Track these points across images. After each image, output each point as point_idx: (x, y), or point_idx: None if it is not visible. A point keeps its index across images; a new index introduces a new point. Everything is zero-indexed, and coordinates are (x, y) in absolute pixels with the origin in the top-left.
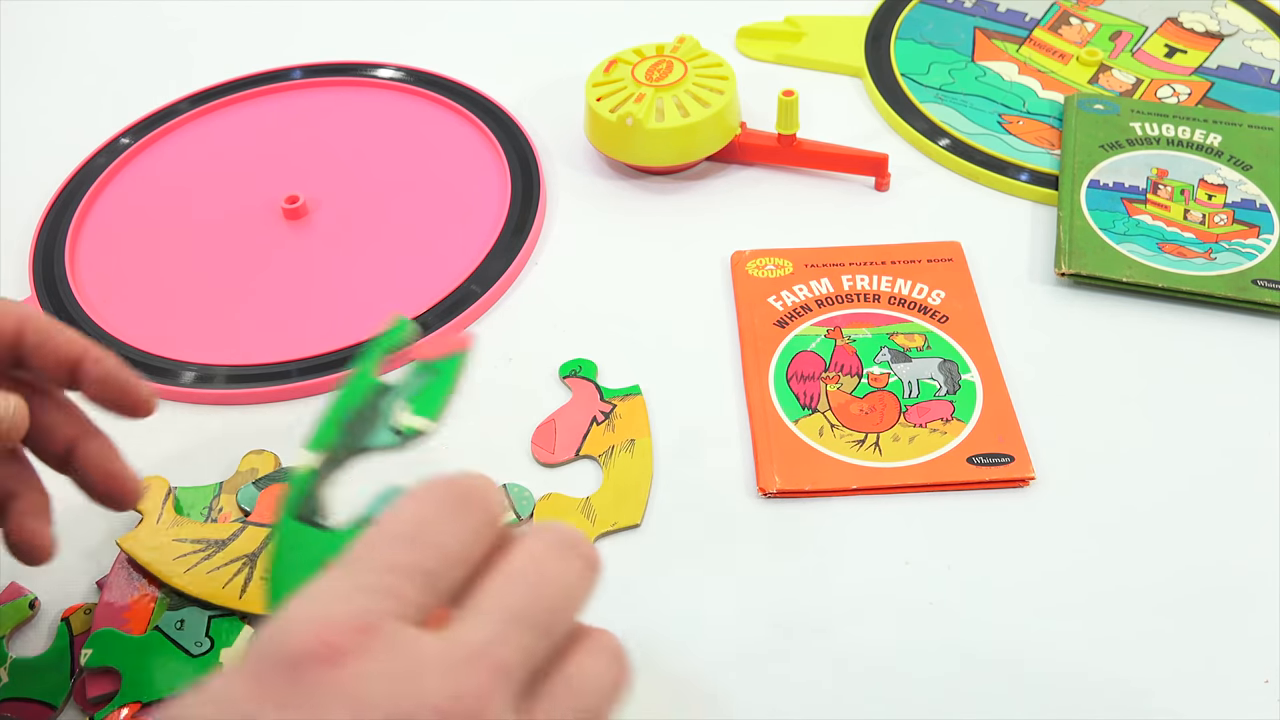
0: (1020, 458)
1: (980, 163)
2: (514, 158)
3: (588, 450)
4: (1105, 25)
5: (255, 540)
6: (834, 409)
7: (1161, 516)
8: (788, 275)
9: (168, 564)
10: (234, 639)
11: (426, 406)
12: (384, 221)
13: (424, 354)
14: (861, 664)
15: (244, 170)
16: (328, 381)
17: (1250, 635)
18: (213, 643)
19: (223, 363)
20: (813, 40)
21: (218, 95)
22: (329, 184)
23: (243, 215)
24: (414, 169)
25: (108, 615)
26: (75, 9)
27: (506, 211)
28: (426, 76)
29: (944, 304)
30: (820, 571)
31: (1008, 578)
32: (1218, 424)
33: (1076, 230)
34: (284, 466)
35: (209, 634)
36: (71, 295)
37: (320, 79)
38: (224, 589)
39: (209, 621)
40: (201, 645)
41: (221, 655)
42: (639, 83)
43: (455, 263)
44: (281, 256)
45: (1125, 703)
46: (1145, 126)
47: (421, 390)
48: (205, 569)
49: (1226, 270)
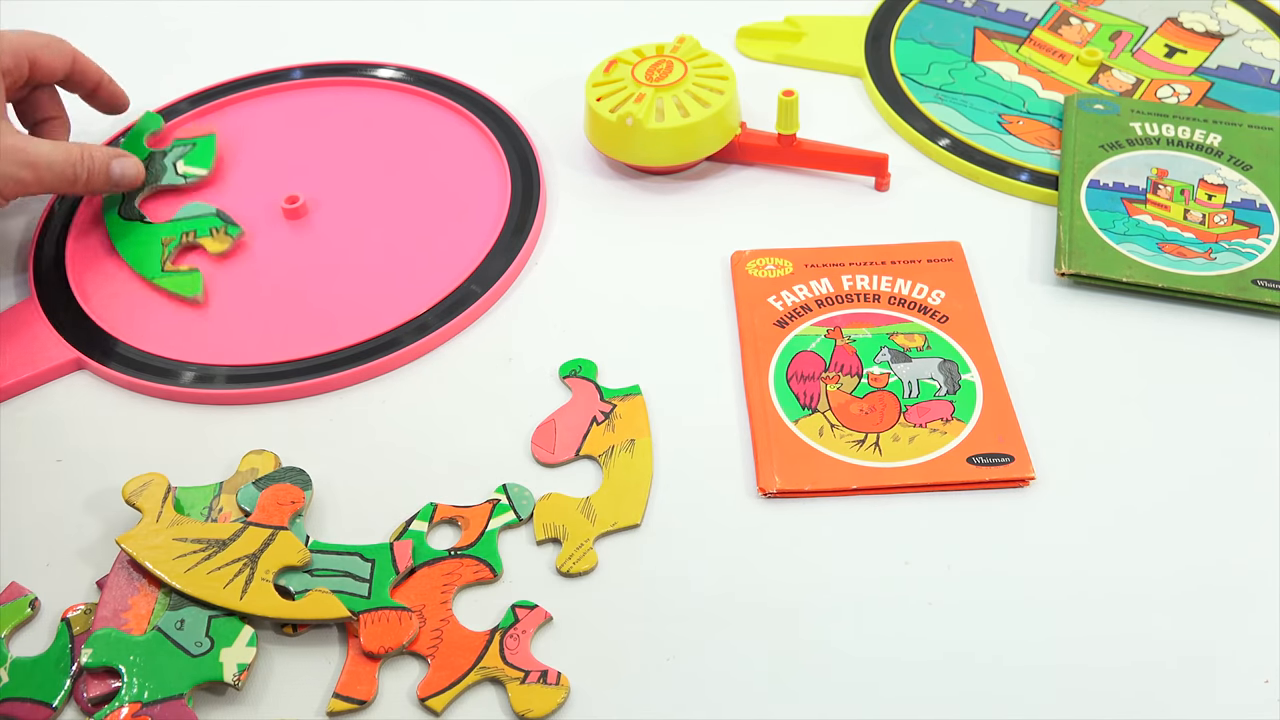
0: (1020, 458)
1: (980, 163)
2: (514, 158)
3: (588, 450)
4: (1105, 25)
5: (257, 541)
6: (834, 409)
7: (1161, 516)
8: (788, 275)
9: (167, 563)
10: (234, 639)
11: (199, 161)
12: (384, 221)
13: (181, 134)
14: (861, 664)
15: (244, 170)
16: (328, 381)
17: (1250, 635)
18: (213, 643)
19: (223, 363)
20: (813, 40)
21: (217, 95)
22: (329, 184)
23: (243, 215)
24: (414, 169)
25: (108, 615)
26: (73, 9)
27: (506, 211)
28: (426, 76)
29: (944, 304)
30: (820, 571)
31: (1008, 578)
32: (1218, 424)
33: (1076, 230)
34: (285, 467)
35: (209, 634)
36: (71, 295)
37: (320, 79)
38: (225, 589)
39: (209, 621)
40: (202, 645)
41: (221, 655)
42: (639, 83)
43: (455, 263)
44: (282, 256)
45: (1125, 702)
46: (1145, 126)
47: (190, 153)
48: (206, 569)
49: (1226, 270)
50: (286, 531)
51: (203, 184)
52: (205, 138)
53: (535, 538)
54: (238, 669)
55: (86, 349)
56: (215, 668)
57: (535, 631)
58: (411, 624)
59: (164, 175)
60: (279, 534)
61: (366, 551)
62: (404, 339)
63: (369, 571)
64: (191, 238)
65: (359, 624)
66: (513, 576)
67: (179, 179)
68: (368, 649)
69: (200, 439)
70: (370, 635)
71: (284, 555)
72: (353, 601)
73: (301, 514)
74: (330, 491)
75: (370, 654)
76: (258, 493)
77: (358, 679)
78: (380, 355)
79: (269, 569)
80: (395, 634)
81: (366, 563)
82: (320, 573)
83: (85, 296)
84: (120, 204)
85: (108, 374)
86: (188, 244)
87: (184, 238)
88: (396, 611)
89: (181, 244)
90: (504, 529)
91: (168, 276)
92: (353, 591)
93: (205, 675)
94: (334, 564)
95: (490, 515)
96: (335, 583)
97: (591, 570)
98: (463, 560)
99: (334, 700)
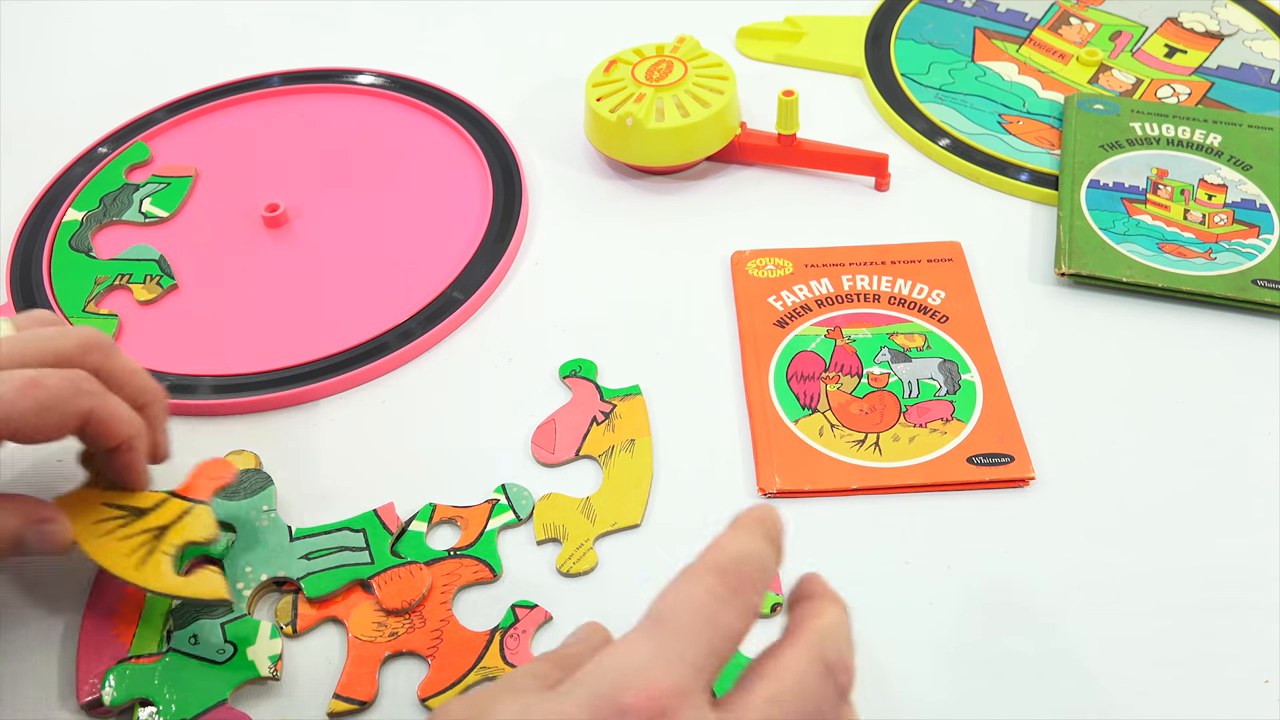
0: (1020, 458)
1: (980, 163)
2: (495, 162)
3: (588, 450)
4: (1105, 25)
5: (172, 513)
6: (834, 409)
7: (1161, 516)
8: (788, 275)
9: (85, 525)
10: (255, 636)
11: (166, 203)
12: (366, 228)
13: (164, 171)
14: (861, 664)
15: (223, 179)
16: (311, 390)
17: (1250, 635)
18: (235, 646)
19: (204, 373)
20: (813, 40)
21: (194, 104)
22: (309, 192)
23: (222, 224)
24: (394, 175)
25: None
26: (53, 18)
27: (489, 218)
28: (404, 81)
29: (944, 304)
30: (820, 571)
31: (1008, 578)
32: (1218, 424)
33: (1076, 230)
34: (251, 469)
35: (228, 639)
36: (50, 305)
37: (299, 85)
38: (125, 559)
39: (222, 628)
40: (225, 651)
41: (249, 654)
42: (639, 83)
43: (438, 269)
44: (262, 265)
45: (1125, 702)
46: (1145, 126)
47: (160, 192)
48: (116, 536)
49: (1226, 270)
50: (204, 507)
51: (166, 219)
52: (182, 178)
53: (535, 538)
54: (271, 661)
55: None
56: (249, 666)
57: (535, 631)
58: (424, 574)
59: (126, 211)
60: (195, 509)
61: (354, 524)
62: (392, 344)
63: (363, 540)
64: (124, 280)
65: (374, 588)
66: (512, 576)
67: (139, 217)
68: (390, 606)
69: (181, 449)
70: (388, 594)
71: (191, 531)
72: (360, 570)
73: (229, 490)
74: (331, 491)
75: (394, 610)
76: (223, 503)
77: (358, 679)
78: (372, 360)
79: (173, 543)
80: (412, 586)
81: (357, 533)
82: (316, 554)
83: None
84: (74, 233)
85: None
86: (118, 285)
87: (117, 279)
88: (405, 566)
89: (113, 284)
90: (503, 529)
91: (84, 317)
92: (355, 562)
93: (242, 676)
94: (327, 543)
95: (489, 515)
96: (335, 559)
97: (591, 570)
98: (462, 560)
99: (334, 700)
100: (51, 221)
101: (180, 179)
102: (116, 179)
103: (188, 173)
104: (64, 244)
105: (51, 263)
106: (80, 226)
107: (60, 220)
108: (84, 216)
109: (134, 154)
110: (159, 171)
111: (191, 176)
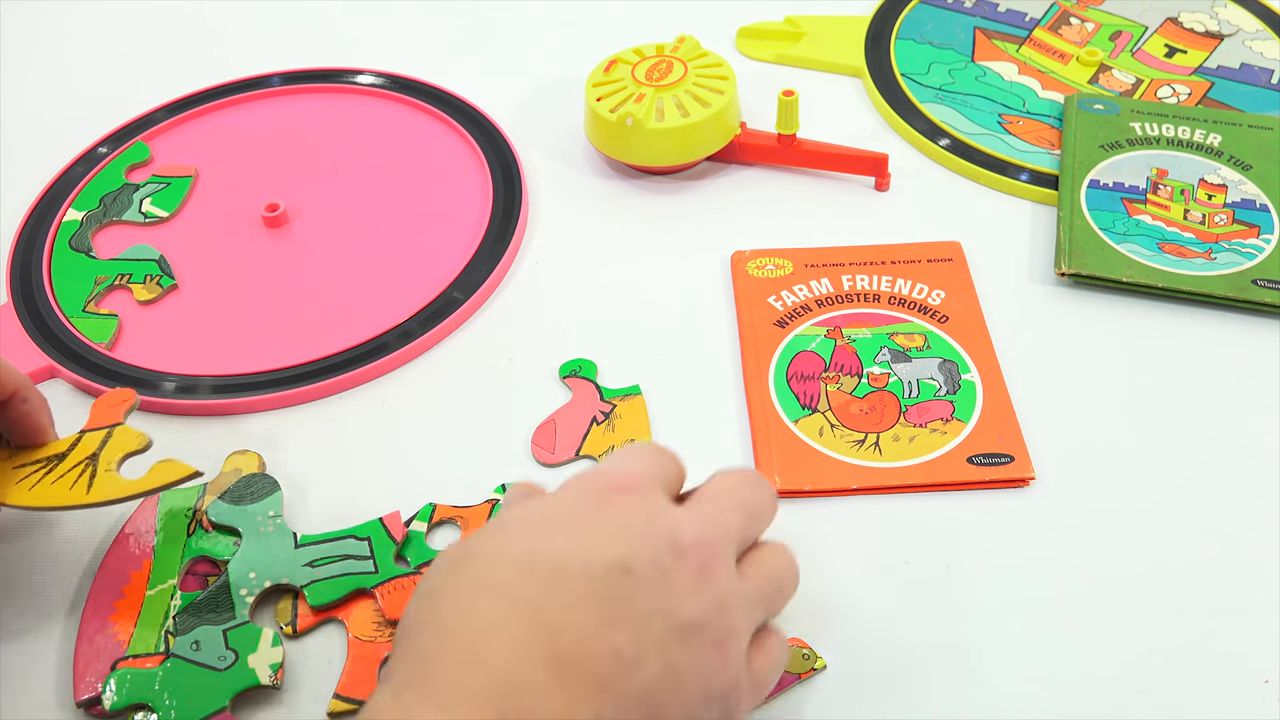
0: (1020, 458)
1: (980, 163)
2: (495, 162)
3: (588, 450)
4: (1105, 25)
5: (95, 443)
6: (834, 409)
7: (1161, 516)
8: (788, 275)
9: (9, 487)
10: (257, 644)
11: (166, 203)
12: (366, 228)
13: (164, 171)
14: (861, 664)
15: (223, 179)
16: (311, 391)
17: (1250, 635)
18: (236, 654)
19: (204, 373)
20: (813, 40)
21: (194, 104)
22: (309, 191)
23: (222, 224)
24: (395, 175)
25: (95, 635)
26: (52, 18)
27: (489, 217)
28: (404, 81)
29: (944, 304)
30: (820, 571)
31: (1008, 578)
32: (1218, 424)
33: (1076, 230)
34: (256, 473)
35: (229, 646)
36: (49, 304)
37: (299, 85)
38: (70, 490)
39: (224, 635)
40: (226, 659)
41: (250, 661)
42: (639, 83)
43: (438, 269)
44: (262, 265)
45: (1125, 702)
46: (1145, 126)
47: (160, 192)
48: (48, 481)
49: (1226, 270)
50: (122, 425)
51: (167, 220)
52: (182, 178)
53: None
54: (271, 669)
55: (60, 357)
56: (249, 674)
57: None
58: None
59: (126, 211)
60: (115, 430)
61: (359, 532)
62: (392, 344)
63: (368, 549)
64: (124, 280)
65: (377, 598)
66: None
67: (139, 217)
68: (393, 617)
69: (182, 447)
70: (391, 604)
71: (124, 445)
72: (364, 579)
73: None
74: (331, 491)
75: (396, 621)
76: (228, 507)
77: (358, 679)
78: (372, 360)
79: (111, 460)
80: None
81: (362, 541)
82: (320, 562)
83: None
84: (74, 233)
85: (82, 383)
86: (118, 285)
87: (117, 279)
88: (410, 577)
89: (113, 284)
90: None
91: (83, 317)
92: (359, 571)
93: (242, 684)
94: (332, 551)
95: (489, 515)
96: (339, 567)
97: None
98: None
99: (334, 701)
100: (51, 221)
101: (180, 179)
102: (116, 179)
103: (188, 173)
104: (64, 244)
105: (51, 263)
106: (80, 226)
107: (60, 220)
108: (84, 216)
109: (134, 154)
110: (159, 171)
111: (191, 176)
